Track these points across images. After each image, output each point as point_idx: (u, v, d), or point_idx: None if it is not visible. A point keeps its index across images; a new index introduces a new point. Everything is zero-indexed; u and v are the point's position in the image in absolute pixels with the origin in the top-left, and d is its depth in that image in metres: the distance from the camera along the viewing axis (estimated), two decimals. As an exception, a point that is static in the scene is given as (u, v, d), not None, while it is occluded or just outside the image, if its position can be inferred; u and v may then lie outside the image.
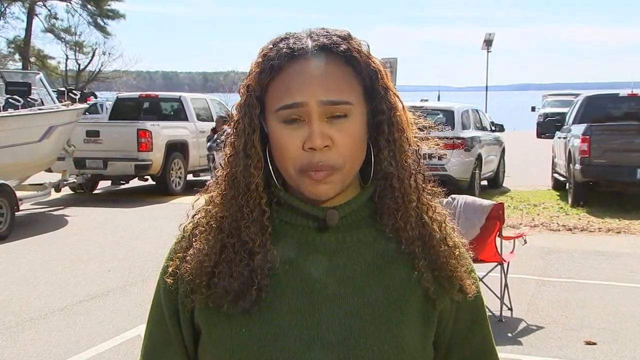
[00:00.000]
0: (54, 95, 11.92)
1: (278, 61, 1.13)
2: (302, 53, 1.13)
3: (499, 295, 5.77)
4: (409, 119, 1.21)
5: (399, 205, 1.18)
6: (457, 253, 1.22)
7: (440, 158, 11.25)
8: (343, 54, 1.13)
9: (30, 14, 37.17)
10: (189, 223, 1.24)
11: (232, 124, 1.20)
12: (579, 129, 11.37)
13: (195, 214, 1.24)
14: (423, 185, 1.23)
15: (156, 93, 16.26)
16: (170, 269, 1.21)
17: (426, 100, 15.24)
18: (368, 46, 1.18)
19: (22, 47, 37.10)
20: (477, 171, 12.40)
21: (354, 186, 1.20)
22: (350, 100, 1.13)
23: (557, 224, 9.95)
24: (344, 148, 1.12)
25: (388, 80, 1.18)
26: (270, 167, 1.18)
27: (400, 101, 1.20)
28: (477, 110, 13.92)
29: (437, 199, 1.26)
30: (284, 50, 1.14)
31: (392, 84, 1.19)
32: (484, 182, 13.58)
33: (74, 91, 13.32)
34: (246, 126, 1.16)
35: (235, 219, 1.17)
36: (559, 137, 13.10)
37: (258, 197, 1.16)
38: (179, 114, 14.56)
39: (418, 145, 1.23)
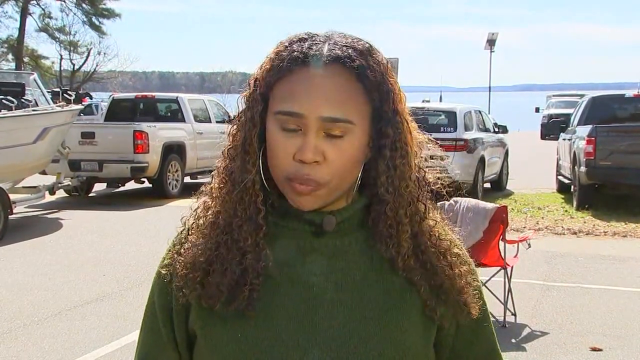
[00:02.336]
0: (49, 96, 11.82)
1: (287, 64, 1.10)
2: (314, 61, 1.09)
3: (502, 301, 5.74)
4: (415, 144, 1.17)
5: (391, 234, 1.15)
6: (463, 281, 1.19)
7: (442, 160, 11.16)
8: (356, 70, 1.09)
9: (24, 13, 37.14)
10: (191, 216, 1.22)
11: (237, 114, 1.18)
12: (584, 130, 11.32)
13: (197, 208, 1.22)
14: (424, 213, 1.18)
15: (152, 94, 16.15)
16: (166, 261, 1.20)
17: (428, 101, 15.15)
18: (387, 63, 1.13)
19: (16, 46, 37.09)
20: (480, 173, 12.31)
21: (351, 192, 1.17)
22: (352, 119, 1.09)
23: (562, 227, 9.89)
24: (334, 166, 1.09)
25: (400, 102, 1.14)
26: (261, 168, 1.15)
27: (409, 125, 1.15)
28: (480, 111, 13.84)
29: (445, 224, 1.23)
30: (296, 53, 1.10)
31: (404, 107, 1.15)
32: (487, 185, 13.50)
33: (68, 92, 13.21)
34: (247, 121, 1.14)
35: (229, 215, 1.15)
36: (564, 139, 13.07)
37: (254, 194, 1.14)
38: (176, 115, 14.47)
39: (424, 170, 1.20)
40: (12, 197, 9.83)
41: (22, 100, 10.95)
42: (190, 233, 1.20)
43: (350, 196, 1.18)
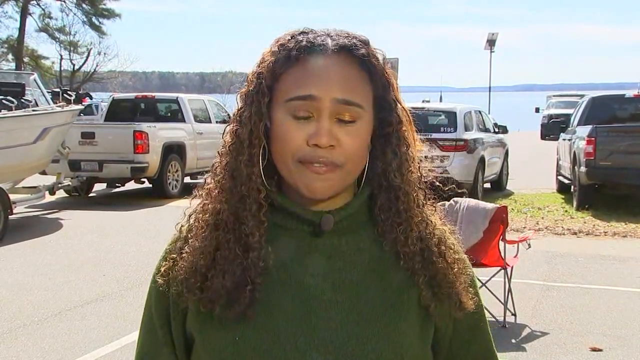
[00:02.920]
0: (49, 96, 11.81)
1: (297, 52, 1.12)
2: (322, 49, 1.13)
3: (502, 301, 5.74)
4: (414, 134, 1.22)
5: (402, 219, 1.18)
6: (455, 269, 1.21)
7: (442, 160, 11.19)
8: (362, 58, 1.13)
9: (24, 13, 37.15)
10: (185, 223, 1.22)
11: (236, 111, 1.18)
12: (584, 130, 11.32)
13: (192, 214, 1.22)
14: (424, 200, 1.22)
15: (152, 94, 16.13)
16: (162, 269, 1.20)
17: (428, 101, 15.15)
18: (384, 57, 1.17)
19: (16, 46, 37.09)
20: (480, 173, 12.31)
21: (349, 190, 1.19)
22: (362, 104, 1.12)
23: (562, 227, 9.88)
24: (348, 150, 1.11)
25: (398, 93, 1.18)
26: (261, 166, 1.15)
27: (408, 116, 1.20)
28: (480, 112, 13.83)
29: (438, 214, 1.26)
30: (304, 43, 1.13)
31: (402, 98, 1.19)
32: (487, 185, 13.50)
33: (68, 92, 13.19)
34: (252, 114, 1.14)
35: (235, 210, 1.15)
36: (564, 139, 13.08)
37: (257, 189, 1.14)
38: (176, 115, 14.47)
39: (420, 160, 1.23)
40: (12, 197, 9.83)
41: (22, 100, 10.93)
42: (187, 238, 1.19)
43: (349, 192, 1.19)
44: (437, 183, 1.29)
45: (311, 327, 1.12)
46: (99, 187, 14.00)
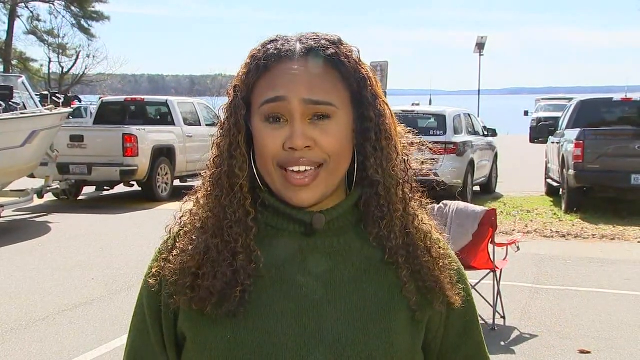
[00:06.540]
0: (37, 99, 11.77)
1: (264, 61, 1.14)
2: (289, 55, 1.14)
3: (491, 303, 5.75)
4: (397, 127, 1.21)
5: (384, 213, 1.18)
6: (440, 264, 1.21)
7: (432, 163, 11.21)
8: (330, 58, 1.14)
9: (12, 16, 37.03)
10: (175, 225, 1.24)
11: (219, 125, 1.20)
12: (573, 133, 11.39)
13: (182, 216, 1.24)
14: (410, 195, 1.22)
15: (142, 97, 16.02)
16: (153, 270, 1.21)
17: (418, 105, 15.17)
18: (358, 52, 1.18)
19: (4, 49, 36.95)
20: (469, 176, 12.34)
21: (340, 192, 1.20)
22: (333, 102, 1.13)
23: (551, 230, 9.92)
24: (327, 149, 1.12)
25: (377, 87, 1.18)
26: (255, 169, 1.17)
27: (389, 109, 1.20)
28: (469, 115, 13.88)
29: (425, 209, 1.25)
30: (272, 51, 1.15)
31: (381, 92, 1.20)
32: (477, 188, 13.56)
33: (57, 95, 13.17)
34: (231, 127, 1.17)
35: (219, 219, 1.16)
36: (552, 142, 13.15)
37: (242, 198, 1.16)
38: (166, 118, 14.44)
39: (407, 155, 1.23)
40: (0, 200, 9.82)
41: (10, 103, 10.91)
42: (177, 240, 1.21)
43: (340, 194, 1.20)
44: (430, 177, 1.29)
45: (302, 326, 1.13)
46: (88, 190, 13.92)
